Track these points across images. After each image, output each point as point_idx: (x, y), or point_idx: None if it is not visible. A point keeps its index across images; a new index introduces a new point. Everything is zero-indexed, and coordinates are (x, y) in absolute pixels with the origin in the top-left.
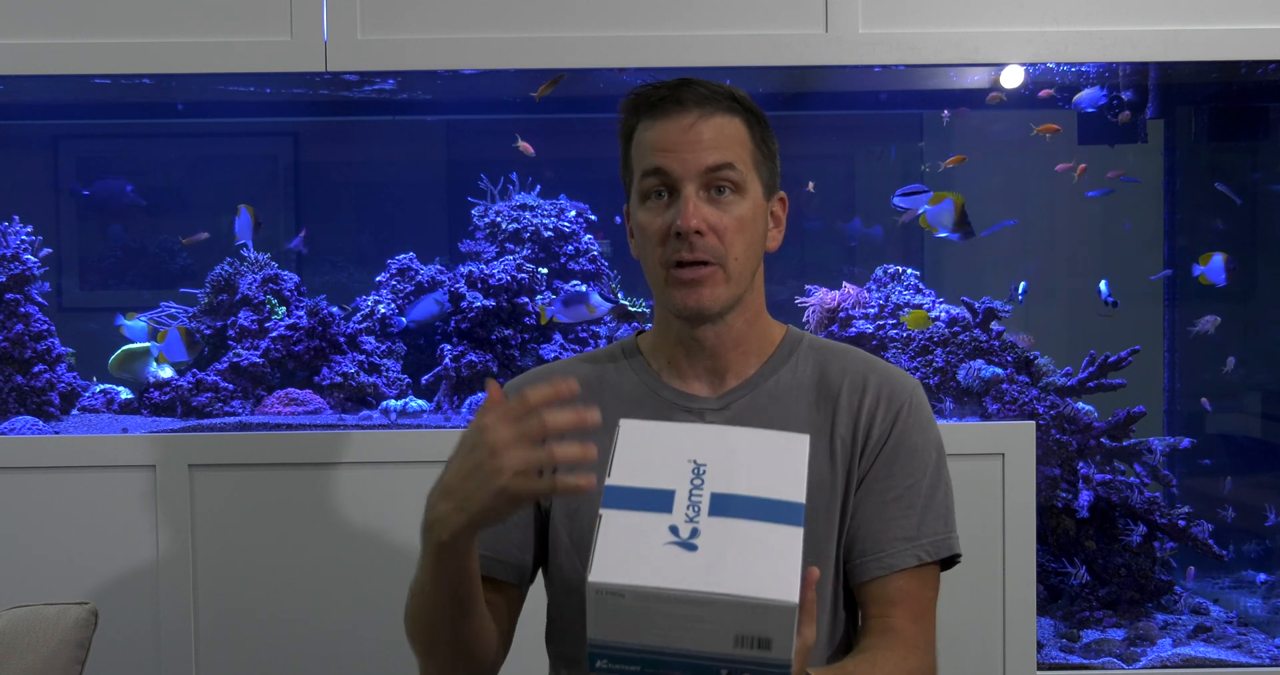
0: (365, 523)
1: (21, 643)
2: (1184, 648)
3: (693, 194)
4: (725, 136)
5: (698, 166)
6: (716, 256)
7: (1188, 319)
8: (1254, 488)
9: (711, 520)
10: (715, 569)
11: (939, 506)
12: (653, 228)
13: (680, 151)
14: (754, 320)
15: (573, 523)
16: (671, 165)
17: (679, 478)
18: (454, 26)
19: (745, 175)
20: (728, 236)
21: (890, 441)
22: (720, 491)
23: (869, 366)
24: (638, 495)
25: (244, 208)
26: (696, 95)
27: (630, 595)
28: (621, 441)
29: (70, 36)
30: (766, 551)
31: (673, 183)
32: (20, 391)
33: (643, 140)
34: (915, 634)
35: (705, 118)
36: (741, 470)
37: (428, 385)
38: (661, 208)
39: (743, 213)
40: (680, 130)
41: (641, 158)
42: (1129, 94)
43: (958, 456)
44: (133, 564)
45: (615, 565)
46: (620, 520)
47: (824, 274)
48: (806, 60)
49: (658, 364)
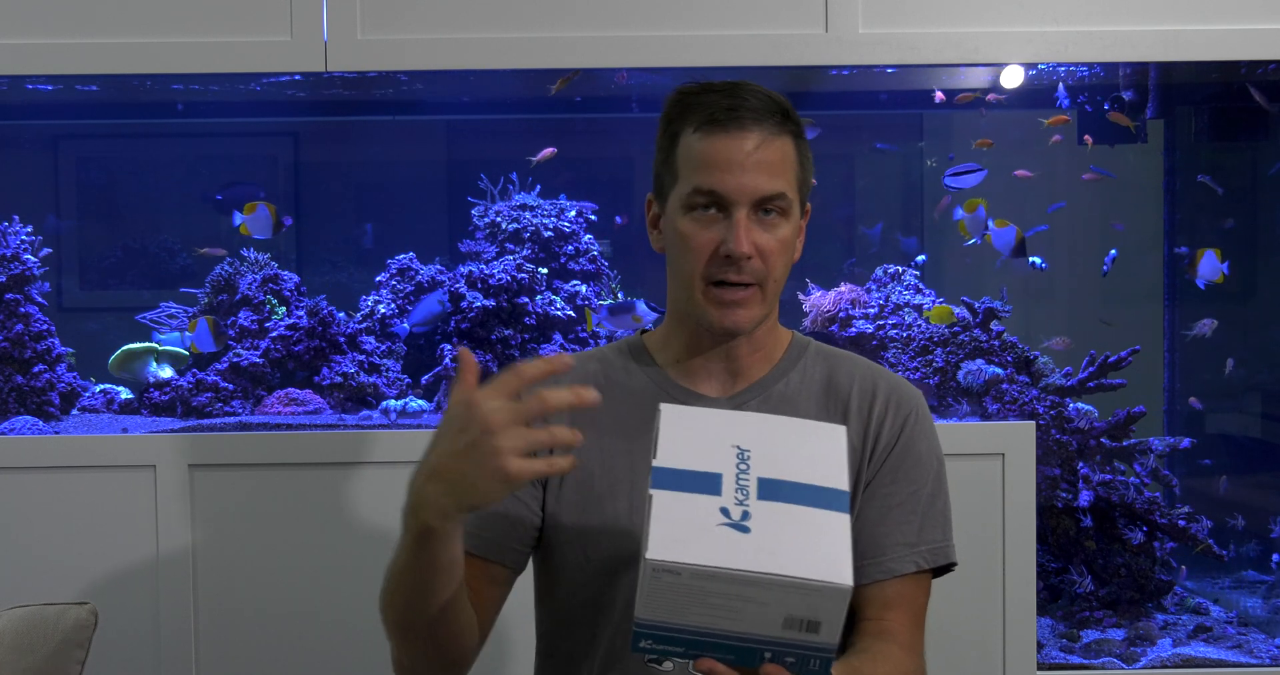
0: (365, 523)
1: (21, 643)
2: (1184, 648)
3: (744, 217)
4: (782, 164)
5: (754, 194)
6: (759, 278)
7: (1187, 319)
8: (1254, 488)
9: (761, 504)
10: (771, 551)
11: (939, 515)
12: (697, 241)
13: (738, 176)
14: (772, 328)
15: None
16: (728, 189)
17: (724, 462)
18: (454, 26)
19: (792, 200)
20: (771, 258)
21: (898, 448)
22: (767, 476)
23: (876, 373)
24: (686, 477)
25: (263, 205)
26: (755, 113)
27: (687, 574)
28: (664, 424)
29: (70, 36)
30: (819, 535)
31: (724, 203)
32: (20, 391)
33: (695, 150)
34: (909, 637)
35: (764, 142)
36: (784, 456)
37: (428, 385)
38: (709, 222)
39: (785, 234)
40: (739, 152)
41: (693, 170)
42: (1130, 94)
43: (958, 456)
44: (133, 564)
45: (672, 544)
46: (671, 501)
47: (825, 274)
48: (806, 60)
49: (665, 362)
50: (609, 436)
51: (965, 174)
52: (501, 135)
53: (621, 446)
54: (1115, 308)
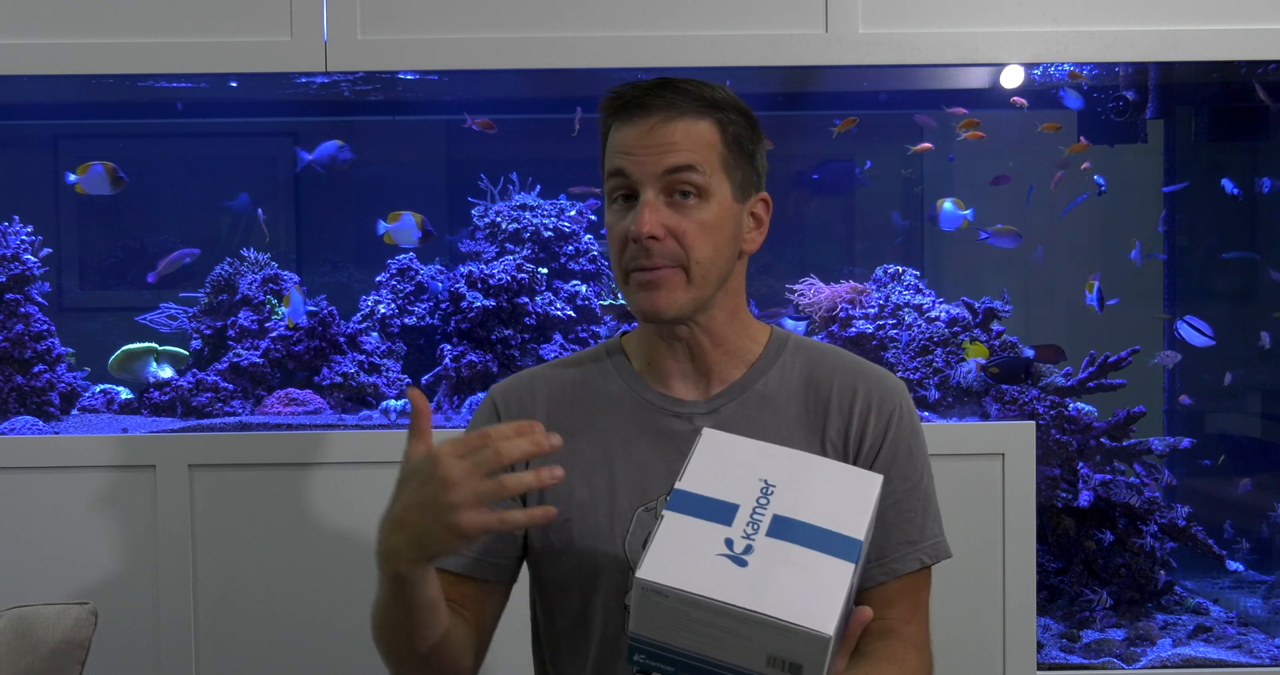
0: (365, 523)
1: (21, 643)
2: (1184, 648)
3: (651, 199)
4: (689, 139)
5: (656, 169)
6: (676, 260)
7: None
8: (1254, 487)
9: (767, 540)
10: (761, 588)
11: (934, 509)
12: (614, 231)
13: (639, 154)
14: (731, 321)
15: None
16: (630, 168)
17: (746, 494)
18: (454, 26)
19: (710, 178)
20: (688, 239)
21: (885, 447)
22: (783, 514)
23: (857, 370)
24: (703, 503)
25: (408, 214)
26: (663, 98)
27: (673, 598)
28: (700, 449)
29: (70, 36)
30: (814, 580)
31: (633, 186)
32: (20, 391)
33: (612, 142)
34: (914, 633)
35: (667, 121)
36: (808, 498)
37: (428, 385)
38: (623, 211)
39: (706, 216)
40: (641, 134)
41: (609, 160)
42: (1131, 93)
43: (958, 456)
44: (133, 564)
45: (665, 566)
46: (680, 524)
47: (825, 275)
48: (806, 60)
49: (640, 366)
50: (587, 444)
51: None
52: (502, 135)
53: (600, 454)
54: (1115, 307)
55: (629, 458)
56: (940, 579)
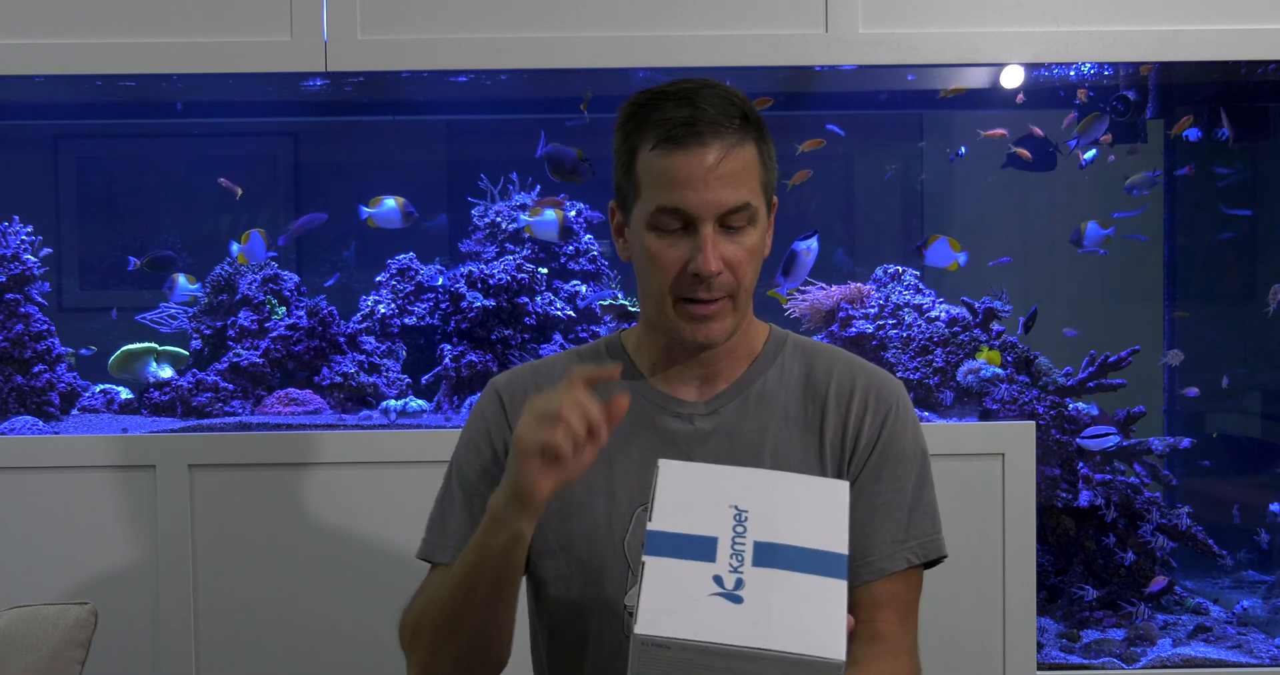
0: (365, 523)
1: (21, 643)
2: (1184, 648)
3: (710, 233)
4: (744, 172)
5: (718, 208)
6: (729, 290)
7: (1188, 319)
8: (1254, 488)
9: (756, 571)
10: (763, 624)
11: (926, 507)
12: (664, 259)
13: (701, 192)
14: (744, 328)
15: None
16: (691, 206)
17: (721, 524)
18: (454, 26)
19: (758, 207)
20: (740, 269)
21: (879, 446)
22: (763, 540)
23: (855, 368)
24: (681, 542)
25: (256, 233)
26: (713, 125)
27: (676, 648)
28: (661, 484)
29: (70, 36)
30: (813, 606)
31: (689, 220)
32: (20, 391)
33: (655, 168)
34: (901, 637)
35: (726, 155)
36: (783, 517)
37: (428, 385)
38: (675, 239)
39: (753, 242)
40: (700, 168)
41: (655, 188)
42: (1131, 93)
43: (958, 456)
44: (133, 564)
45: (662, 617)
46: (664, 568)
47: (827, 274)
48: (806, 60)
49: (642, 364)
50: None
51: None
52: (502, 135)
53: (599, 453)
54: (1115, 307)
55: (628, 456)
56: (940, 579)
